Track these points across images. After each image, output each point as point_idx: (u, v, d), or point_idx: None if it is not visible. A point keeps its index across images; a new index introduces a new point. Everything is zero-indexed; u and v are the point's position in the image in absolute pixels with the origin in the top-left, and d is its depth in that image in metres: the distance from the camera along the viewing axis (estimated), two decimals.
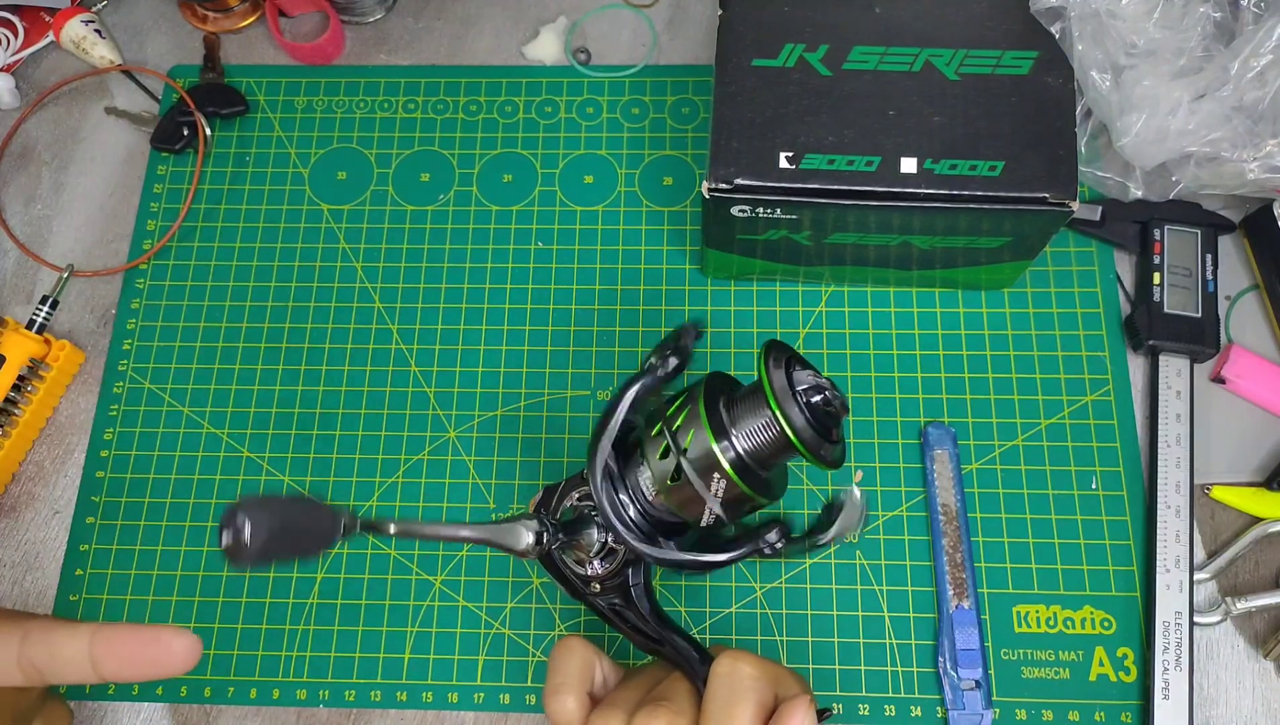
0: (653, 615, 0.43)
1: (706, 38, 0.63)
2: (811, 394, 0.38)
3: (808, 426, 0.38)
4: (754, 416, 0.39)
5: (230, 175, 0.61)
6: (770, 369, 0.39)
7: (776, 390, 0.38)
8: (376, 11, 0.65)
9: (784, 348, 0.40)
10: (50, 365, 0.55)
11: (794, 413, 0.38)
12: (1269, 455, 0.52)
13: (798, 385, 0.38)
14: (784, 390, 0.38)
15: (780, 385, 0.38)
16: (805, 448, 0.38)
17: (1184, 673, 0.48)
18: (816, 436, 0.38)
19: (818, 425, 0.38)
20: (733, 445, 0.39)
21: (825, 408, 0.39)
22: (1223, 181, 0.51)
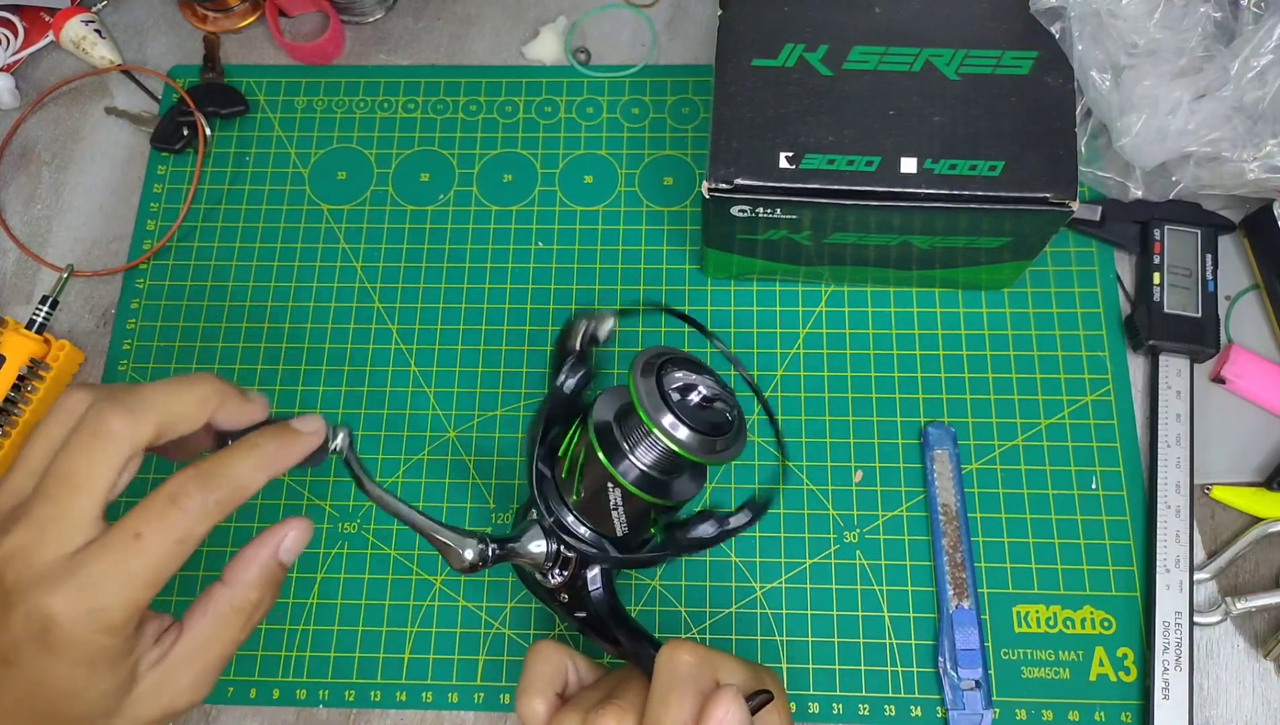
0: (611, 617, 0.42)
1: (706, 38, 0.63)
2: (686, 396, 0.37)
3: (691, 433, 0.37)
4: (641, 433, 0.38)
5: (230, 175, 0.61)
6: (638, 381, 0.37)
7: (646, 404, 0.37)
8: (376, 11, 0.65)
9: (658, 353, 0.39)
10: (50, 365, 0.55)
11: (670, 423, 0.36)
12: (1269, 455, 0.52)
13: (670, 389, 0.37)
14: (655, 402, 0.37)
15: (650, 397, 0.37)
16: (692, 456, 0.37)
17: (1184, 673, 0.48)
18: (703, 437, 0.37)
19: (703, 424, 0.37)
20: (633, 464, 0.38)
21: (705, 406, 0.38)
22: (1223, 181, 0.51)
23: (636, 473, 0.39)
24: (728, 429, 0.38)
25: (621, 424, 0.39)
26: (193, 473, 0.33)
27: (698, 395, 0.38)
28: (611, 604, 0.42)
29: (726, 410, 0.38)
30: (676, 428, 0.37)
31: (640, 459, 0.38)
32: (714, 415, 0.38)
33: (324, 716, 0.50)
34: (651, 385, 0.37)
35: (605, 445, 0.39)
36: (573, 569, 0.41)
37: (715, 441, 0.37)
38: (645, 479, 0.39)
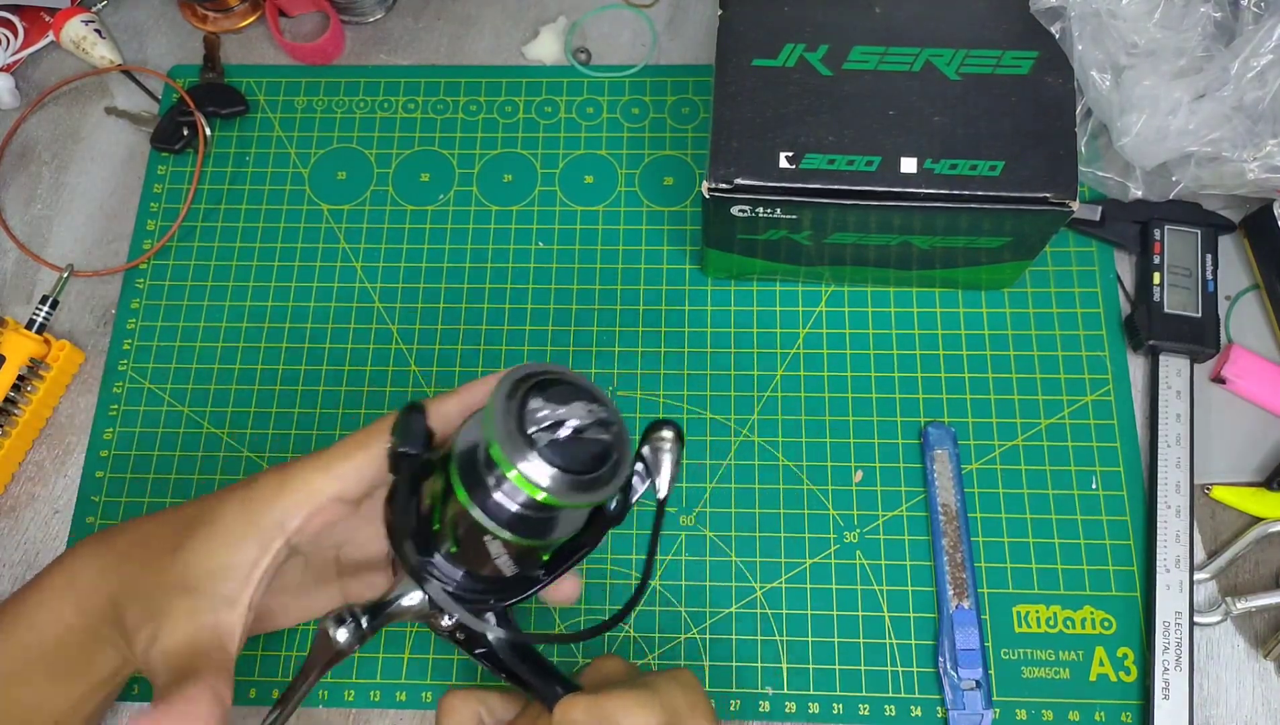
0: (512, 656, 0.39)
1: (706, 38, 0.63)
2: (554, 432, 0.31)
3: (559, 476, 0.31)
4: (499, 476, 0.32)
5: (230, 175, 0.61)
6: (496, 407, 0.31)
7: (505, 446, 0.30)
8: (376, 11, 0.65)
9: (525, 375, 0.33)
10: (50, 365, 0.55)
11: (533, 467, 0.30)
12: (1269, 455, 0.52)
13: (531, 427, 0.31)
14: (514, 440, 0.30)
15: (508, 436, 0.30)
16: (562, 502, 0.31)
17: (1184, 673, 0.48)
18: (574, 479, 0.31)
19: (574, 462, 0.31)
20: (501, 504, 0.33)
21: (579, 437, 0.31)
22: (1223, 181, 0.51)
23: (508, 515, 0.33)
24: (606, 460, 0.32)
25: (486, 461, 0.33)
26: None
27: (568, 429, 0.31)
28: (512, 642, 0.38)
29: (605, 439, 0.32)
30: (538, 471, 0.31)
31: (510, 497, 0.32)
32: (590, 447, 0.32)
33: (324, 716, 0.50)
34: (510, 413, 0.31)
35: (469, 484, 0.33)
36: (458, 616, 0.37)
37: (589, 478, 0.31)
38: (517, 520, 0.33)
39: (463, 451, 0.34)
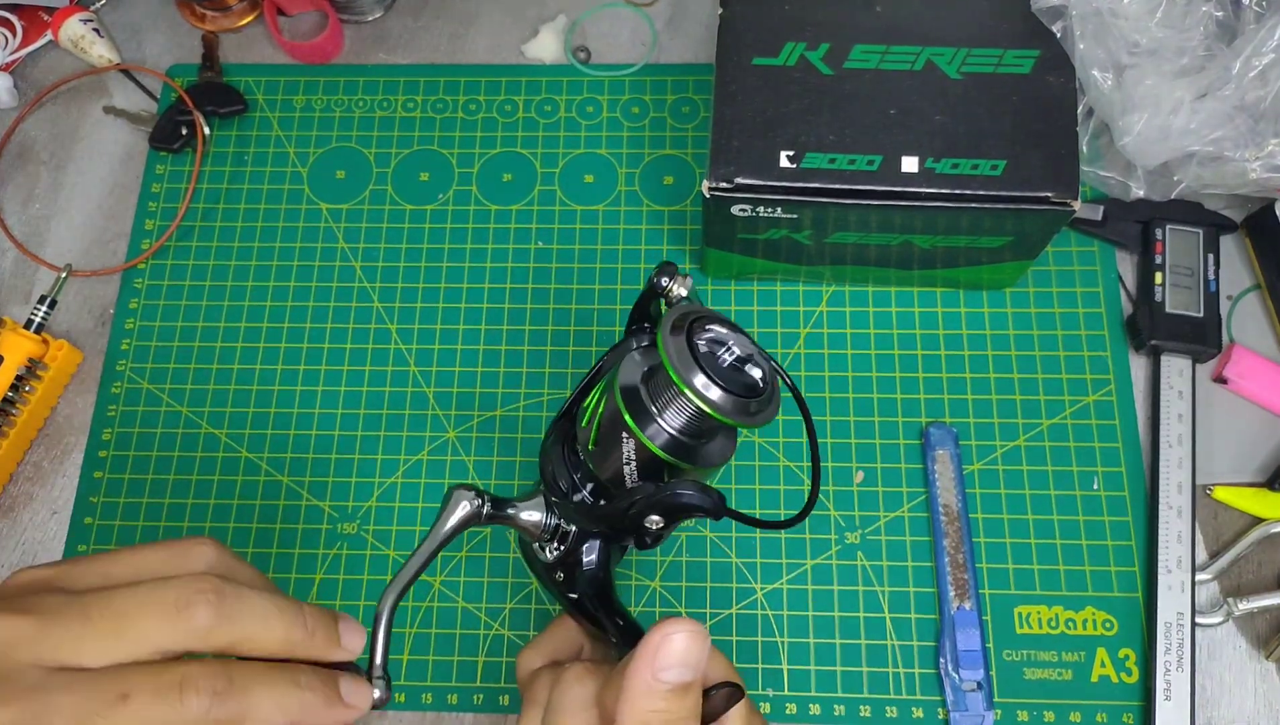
0: (600, 601, 0.40)
1: (707, 36, 0.63)
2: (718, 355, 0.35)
3: (724, 393, 0.34)
4: (671, 395, 0.36)
5: (229, 175, 0.61)
6: (667, 340, 0.35)
7: (676, 363, 0.34)
8: (375, 10, 0.65)
9: (684, 312, 0.36)
10: (48, 365, 0.55)
11: (702, 383, 0.34)
12: (1271, 455, 0.52)
13: (700, 350, 0.35)
14: (686, 360, 0.34)
15: (680, 355, 0.34)
16: (727, 417, 0.35)
17: (1186, 674, 0.47)
18: (737, 398, 0.35)
19: (736, 385, 0.35)
20: (662, 428, 0.36)
21: (737, 367, 0.35)
22: (1225, 181, 0.50)
23: (665, 437, 0.36)
24: (760, 391, 0.36)
25: (649, 385, 0.37)
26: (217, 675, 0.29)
27: (730, 355, 0.35)
28: (603, 587, 0.41)
29: (760, 372, 0.36)
30: (709, 388, 0.34)
31: (669, 422, 0.36)
32: (746, 377, 0.36)
33: None
34: (682, 343, 0.35)
35: (632, 409, 0.36)
36: (569, 544, 0.40)
37: (748, 402, 0.35)
38: (673, 443, 0.36)
39: (624, 385, 0.37)
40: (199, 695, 0.28)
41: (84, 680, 0.27)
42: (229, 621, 0.29)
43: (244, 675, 0.29)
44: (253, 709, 0.29)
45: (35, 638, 0.28)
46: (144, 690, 0.27)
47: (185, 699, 0.28)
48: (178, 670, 0.28)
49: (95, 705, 0.27)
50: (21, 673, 0.27)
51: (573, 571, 0.40)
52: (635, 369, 0.38)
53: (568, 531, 0.40)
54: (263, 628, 0.30)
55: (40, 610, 0.28)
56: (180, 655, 0.29)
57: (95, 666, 0.28)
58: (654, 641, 0.30)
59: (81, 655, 0.28)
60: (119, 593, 0.29)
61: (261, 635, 0.30)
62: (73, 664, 0.28)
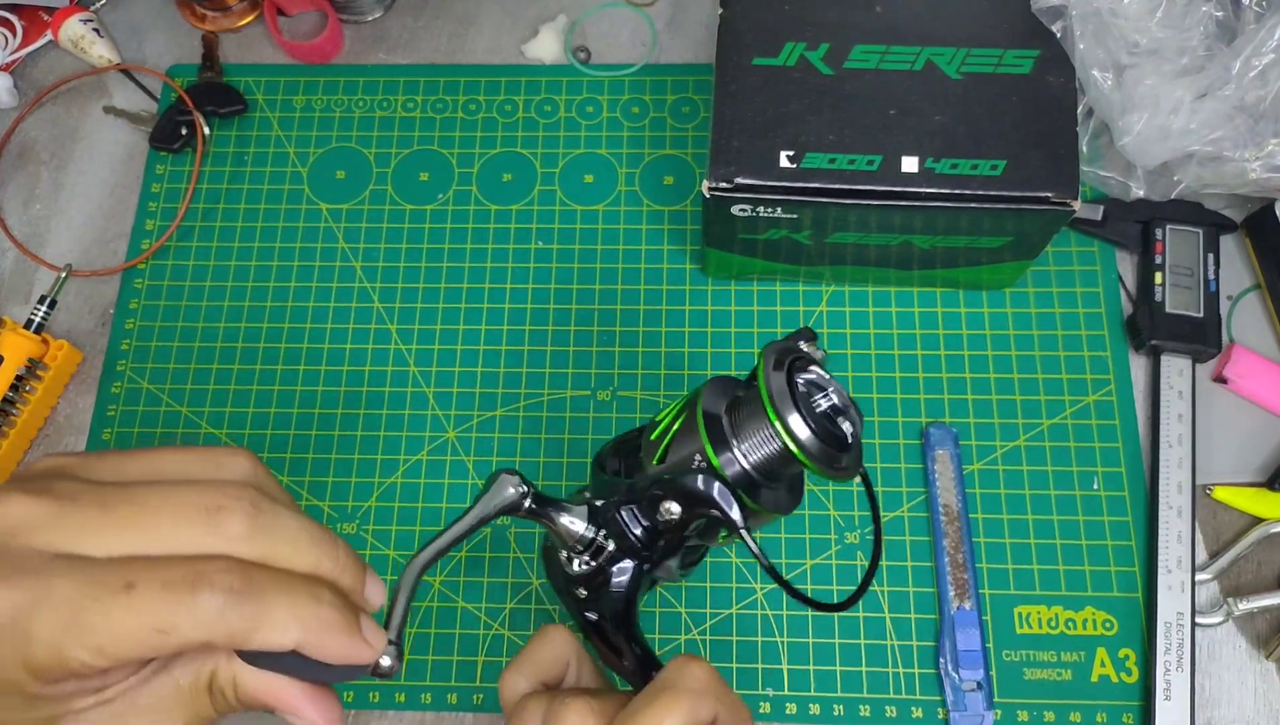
0: (623, 625, 0.40)
1: (707, 36, 0.63)
2: (817, 399, 0.34)
3: (813, 438, 0.34)
4: (756, 428, 0.35)
5: (229, 175, 0.61)
6: (768, 373, 0.34)
7: (774, 395, 0.34)
8: (375, 10, 0.65)
9: (787, 349, 0.36)
10: (48, 365, 0.55)
11: (795, 423, 0.33)
12: (1271, 455, 0.52)
13: (800, 390, 0.34)
14: (784, 396, 0.34)
15: (779, 391, 0.34)
16: (812, 461, 0.34)
17: (1186, 674, 0.47)
18: (825, 447, 0.34)
19: (826, 433, 0.34)
20: (736, 459, 0.35)
21: (834, 414, 0.35)
22: (1225, 181, 0.50)
23: (737, 469, 0.35)
24: (848, 447, 0.35)
25: (733, 415, 0.36)
26: (235, 572, 0.26)
27: (826, 401, 0.35)
28: (628, 611, 0.39)
29: (851, 426, 0.35)
30: (800, 427, 0.33)
31: (746, 455, 0.35)
32: (836, 428, 0.35)
33: None
34: (781, 380, 0.34)
35: (711, 433, 0.35)
36: (601, 561, 0.39)
37: (835, 454, 0.34)
38: (744, 477, 0.35)
39: (707, 409, 0.36)
40: (213, 592, 0.25)
41: (88, 566, 0.25)
42: (260, 535, 0.27)
43: (264, 578, 0.26)
44: (268, 615, 0.26)
45: (48, 522, 0.26)
46: (152, 582, 0.25)
47: (198, 595, 0.25)
48: (192, 565, 0.26)
49: (95, 592, 0.25)
50: (26, 556, 0.25)
51: (599, 590, 0.39)
52: (720, 396, 0.37)
53: (604, 547, 0.39)
54: (293, 549, 0.27)
55: (58, 494, 0.26)
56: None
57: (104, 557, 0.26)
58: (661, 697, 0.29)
59: (92, 544, 0.26)
60: (145, 488, 0.27)
61: (291, 558, 0.27)
62: (81, 552, 0.25)
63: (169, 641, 0.25)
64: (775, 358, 0.35)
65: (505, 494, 0.36)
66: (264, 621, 0.26)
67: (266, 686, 0.28)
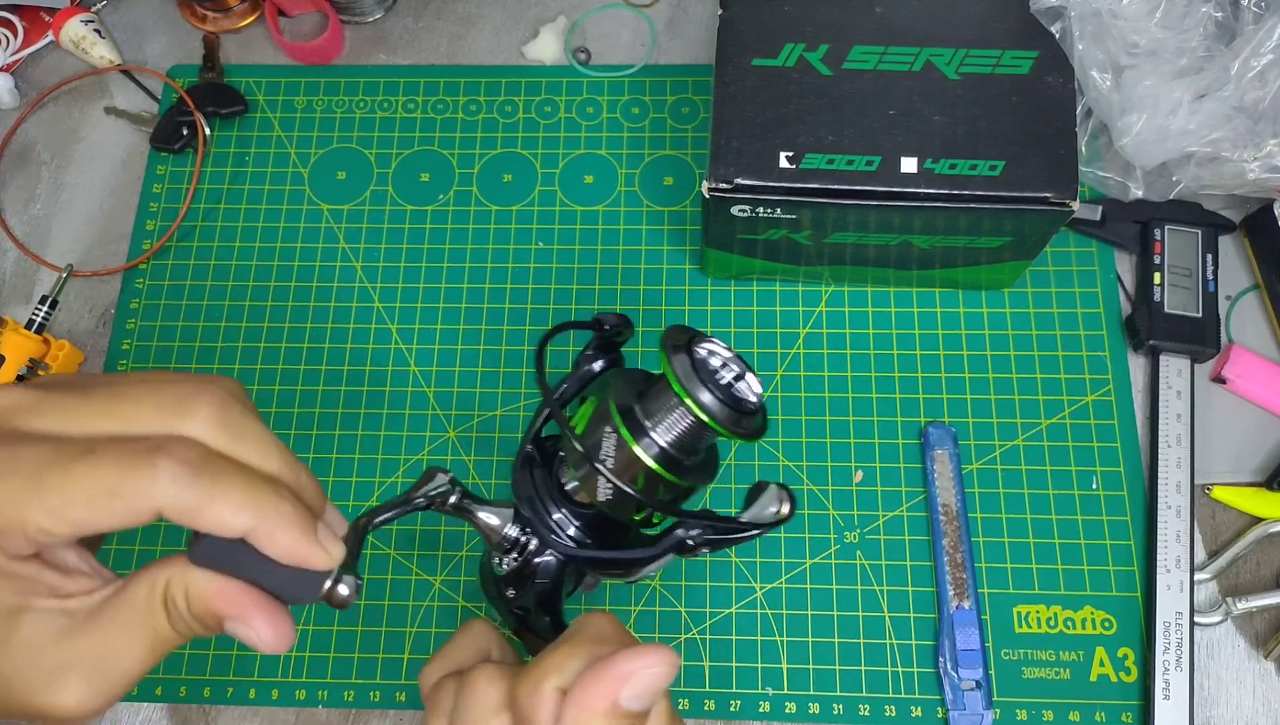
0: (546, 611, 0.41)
1: (706, 37, 0.63)
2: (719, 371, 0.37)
3: (721, 406, 0.37)
4: (667, 408, 0.38)
5: (230, 175, 0.61)
6: (671, 355, 0.37)
7: (680, 376, 0.37)
8: (376, 11, 0.65)
9: (683, 331, 0.39)
10: (49, 365, 0.55)
11: (704, 396, 0.36)
12: (1269, 455, 0.52)
13: (702, 367, 0.37)
14: (688, 374, 0.37)
15: (684, 370, 0.37)
16: (722, 427, 0.37)
17: (1185, 673, 0.48)
18: (732, 412, 0.37)
19: (731, 400, 0.37)
20: (654, 441, 0.38)
21: (735, 381, 0.38)
22: (1223, 181, 0.51)
23: (656, 450, 0.38)
24: (755, 410, 0.38)
25: (644, 400, 0.39)
26: (194, 449, 0.26)
27: (728, 372, 0.38)
28: (551, 599, 0.41)
29: (751, 392, 0.38)
30: (707, 399, 0.36)
31: (661, 436, 0.38)
32: (740, 394, 0.38)
33: (324, 716, 0.50)
34: (684, 359, 0.37)
35: (628, 424, 0.38)
36: (525, 555, 0.40)
37: (742, 418, 0.37)
38: (663, 456, 0.38)
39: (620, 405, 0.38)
40: (170, 463, 0.26)
41: (60, 441, 0.26)
42: (228, 429, 0.28)
43: (223, 463, 0.27)
44: (222, 493, 0.26)
45: (31, 406, 0.27)
46: (111, 448, 0.26)
47: (156, 463, 0.26)
48: (154, 440, 0.26)
49: (55, 458, 0.26)
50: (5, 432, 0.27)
51: (526, 583, 0.41)
52: (626, 387, 0.39)
53: (526, 544, 0.40)
54: (259, 451, 0.28)
55: (45, 384, 0.28)
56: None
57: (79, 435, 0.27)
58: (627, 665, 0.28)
59: (71, 425, 0.27)
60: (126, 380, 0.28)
61: (255, 459, 0.28)
62: (59, 432, 0.27)
63: (122, 506, 0.26)
64: (673, 341, 0.38)
65: (436, 481, 0.38)
66: (217, 498, 0.26)
67: (218, 590, 0.28)
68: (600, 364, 0.43)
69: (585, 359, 0.43)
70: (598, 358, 0.43)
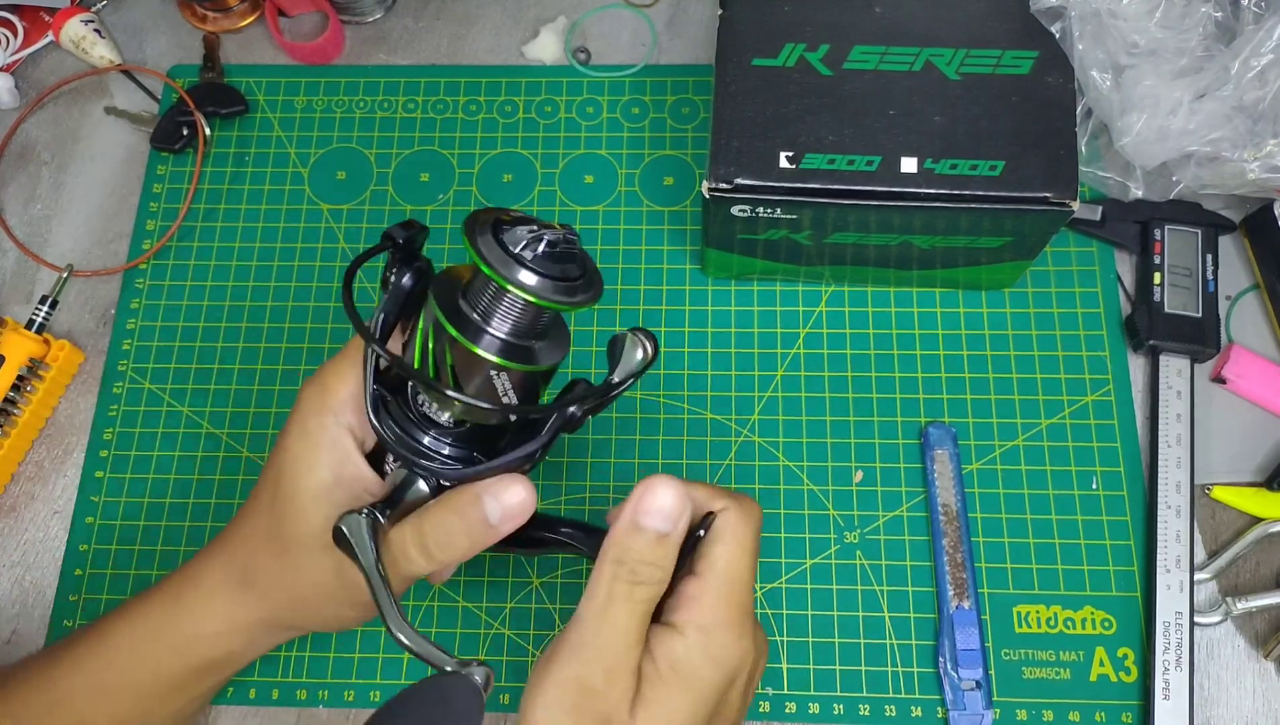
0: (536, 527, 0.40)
1: (706, 37, 0.63)
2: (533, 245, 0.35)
3: (546, 281, 0.34)
4: (494, 301, 0.35)
5: (230, 175, 0.61)
6: (477, 240, 0.35)
7: (494, 263, 0.34)
8: (376, 11, 0.65)
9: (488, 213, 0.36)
10: (49, 365, 0.55)
11: (523, 276, 0.34)
12: (1269, 455, 0.52)
13: (514, 245, 0.35)
14: (501, 258, 0.34)
15: (495, 255, 0.34)
16: (555, 303, 0.35)
17: (1184, 673, 0.48)
18: (560, 284, 0.35)
19: (555, 272, 0.35)
20: (495, 338, 0.36)
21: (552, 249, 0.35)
22: (1223, 181, 0.51)
23: (498, 344, 0.36)
24: (580, 274, 0.36)
25: (468, 296, 0.36)
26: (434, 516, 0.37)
27: (542, 244, 0.35)
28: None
29: (575, 256, 0.36)
30: (530, 279, 0.34)
31: (498, 328, 0.36)
32: (563, 261, 0.35)
33: (324, 716, 0.50)
34: (491, 241, 0.35)
35: (459, 325, 0.36)
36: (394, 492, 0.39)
37: (573, 285, 0.35)
38: (507, 348, 0.36)
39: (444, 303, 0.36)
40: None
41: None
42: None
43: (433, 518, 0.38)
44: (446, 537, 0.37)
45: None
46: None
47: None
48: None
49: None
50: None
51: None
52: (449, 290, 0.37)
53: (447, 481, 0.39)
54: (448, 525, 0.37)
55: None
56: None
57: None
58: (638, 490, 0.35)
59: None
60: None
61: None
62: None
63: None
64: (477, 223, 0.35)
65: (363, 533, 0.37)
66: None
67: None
68: (409, 278, 0.39)
69: (389, 280, 0.39)
70: (404, 271, 0.39)
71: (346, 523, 0.37)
